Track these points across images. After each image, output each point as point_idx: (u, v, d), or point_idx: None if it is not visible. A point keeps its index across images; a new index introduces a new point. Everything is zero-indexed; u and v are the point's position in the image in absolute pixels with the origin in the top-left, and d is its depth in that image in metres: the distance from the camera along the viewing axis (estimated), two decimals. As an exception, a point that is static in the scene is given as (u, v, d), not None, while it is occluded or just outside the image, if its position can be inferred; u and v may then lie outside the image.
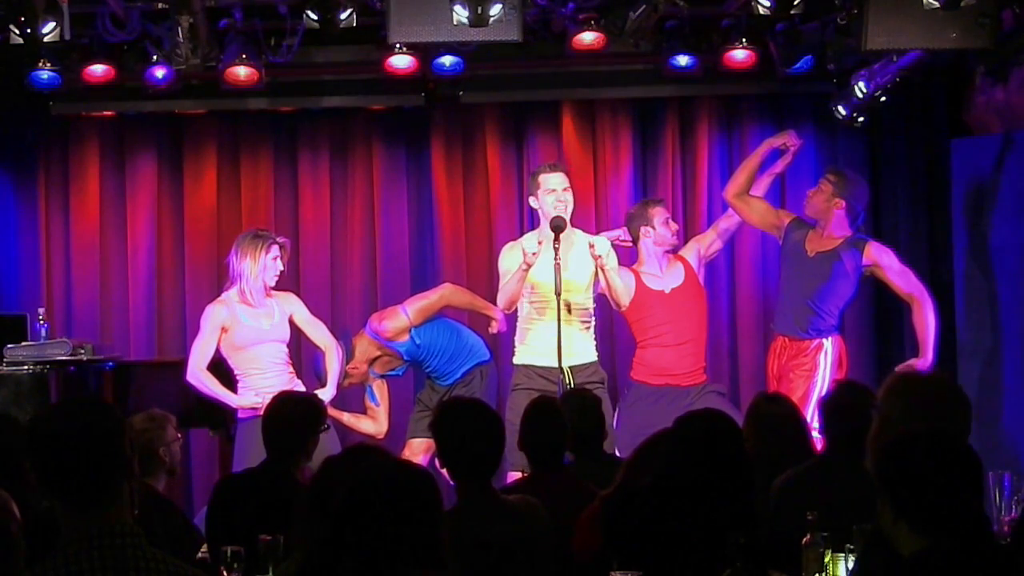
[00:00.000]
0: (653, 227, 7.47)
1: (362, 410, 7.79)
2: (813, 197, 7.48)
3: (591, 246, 6.97)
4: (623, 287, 7.13)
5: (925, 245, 8.70)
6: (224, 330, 6.97)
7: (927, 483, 3.03)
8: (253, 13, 7.60)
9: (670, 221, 7.57)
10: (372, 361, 7.64)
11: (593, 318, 7.18)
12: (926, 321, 7.18)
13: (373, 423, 7.74)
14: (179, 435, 5.68)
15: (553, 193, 6.96)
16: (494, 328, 7.45)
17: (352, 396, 7.88)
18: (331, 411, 6.93)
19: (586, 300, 7.09)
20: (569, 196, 7.01)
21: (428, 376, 7.69)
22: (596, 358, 7.14)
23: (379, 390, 7.77)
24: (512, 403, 6.79)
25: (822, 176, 7.59)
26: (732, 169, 8.21)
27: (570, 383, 6.76)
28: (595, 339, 7.18)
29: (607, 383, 7.19)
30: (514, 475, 6.31)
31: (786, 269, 7.58)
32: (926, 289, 7.30)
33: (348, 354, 7.40)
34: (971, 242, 8.09)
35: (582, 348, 7.03)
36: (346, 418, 7.66)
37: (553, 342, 6.80)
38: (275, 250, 7.03)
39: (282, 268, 7.11)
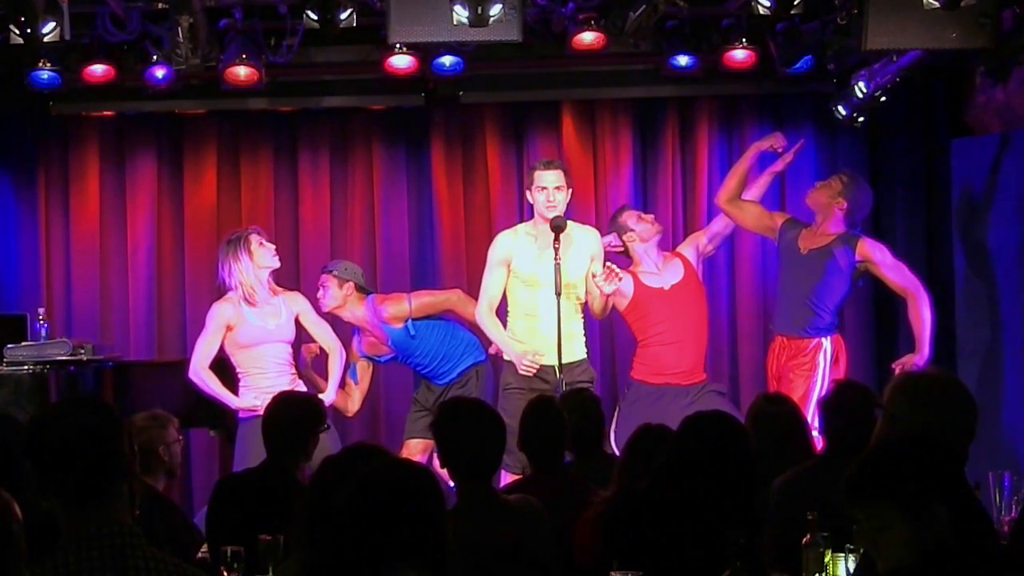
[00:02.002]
0: (631, 229, 7.48)
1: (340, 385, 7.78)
2: (819, 189, 7.48)
3: (594, 275, 6.92)
4: (604, 308, 7.11)
5: (925, 245, 8.70)
6: (229, 328, 6.97)
7: (921, 488, 3.02)
8: (253, 13, 7.60)
9: (642, 216, 7.59)
10: (359, 329, 7.62)
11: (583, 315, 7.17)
12: (922, 315, 7.17)
13: (346, 399, 7.72)
14: (180, 437, 5.67)
15: (544, 192, 6.91)
16: (493, 349, 7.42)
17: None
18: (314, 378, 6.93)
19: (580, 296, 7.06)
20: (561, 195, 6.95)
21: (422, 376, 7.69)
22: (586, 355, 7.10)
23: (362, 370, 7.76)
24: (505, 404, 6.75)
25: (833, 174, 7.61)
26: (732, 169, 8.21)
27: (560, 381, 6.72)
28: (585, 336, 7.16)
29: (608, 383, 7.18)
30: (507, 477, 6.29)
31: (782, 269, 7.58)
32: (921, 283, 7.30)
33: (354, 276, 7.43)
34: (971, 242, 8.09)
35: (575, 345, 7.00)
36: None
37: (546, 340, 6.78)
38: (254, 239, 7.02)
39: (274, 252, 7.09)
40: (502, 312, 7.22)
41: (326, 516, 3.04)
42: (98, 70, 7.79)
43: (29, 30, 6.54)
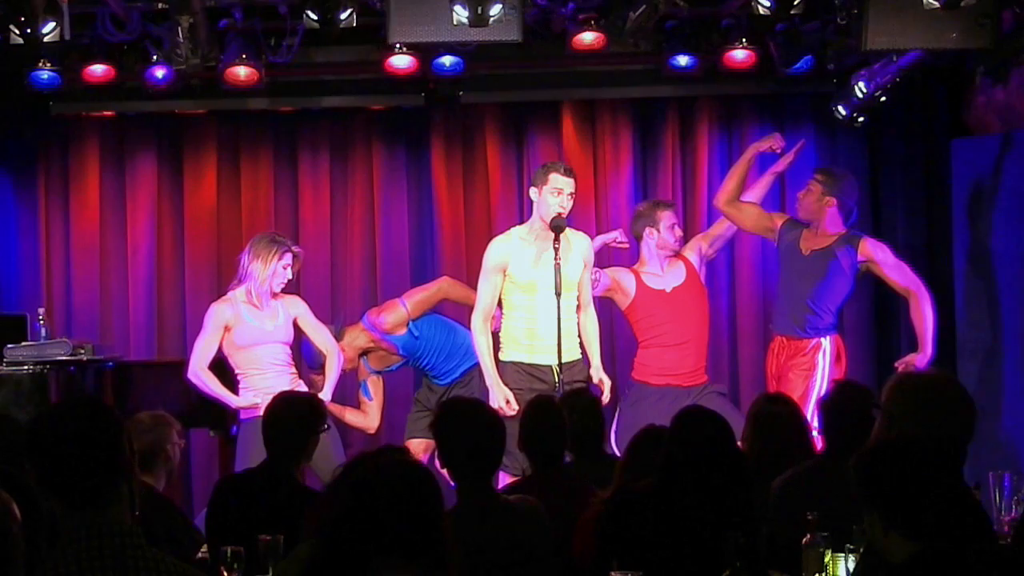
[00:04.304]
0: (658, 230, 7.45)
1: (355, 404, 7.80)
2: (804, 199, 7.47)
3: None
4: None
5: (925, 245, 8.70)
6: (227, 329, 6.97)
7: (911, 491, 3.03)
8: (253, 13, 7.60)
9: (676, 227, 7.53)
10: (364, 353, 7.63)
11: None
12: (924, 315, 7.17)
13: (364, 418, 7.74)
14: (181, 441, 5.66)
15: (560, 195, 6.80)
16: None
17: (347, 391, 7.89)
18: (332, 407, 6.93)
19: (575, 297, 7.02)
20: (571, 203, 6.87)
21: (425, 375, 7.69)
22: (581, 355, 7.07)
23: (374, 386, 7.77)
24: None
25: (810, 178, 7.59)
26: (732, 170, 8.21)
27: (558, 381, 6.71)
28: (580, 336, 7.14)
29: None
30: (506, 478, 6.27)
31: (782, 269, 7.58)
32: (923, 283, 7.30)
33: (336, 337, 7.40)
34: (971, 242, 8.09)
35: (571, 345, 6.97)
36: (348, 415, 7.67)
37: (544, 340, 6.77)
38: (288, 258, 7.01)
39: (291, 277, 7.09)
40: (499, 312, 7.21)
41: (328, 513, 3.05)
42: (98, 70, 7.80)
43: (29, 30, 6.54)
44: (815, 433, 5.45)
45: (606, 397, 6.78)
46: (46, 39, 6.61)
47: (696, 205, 8.85)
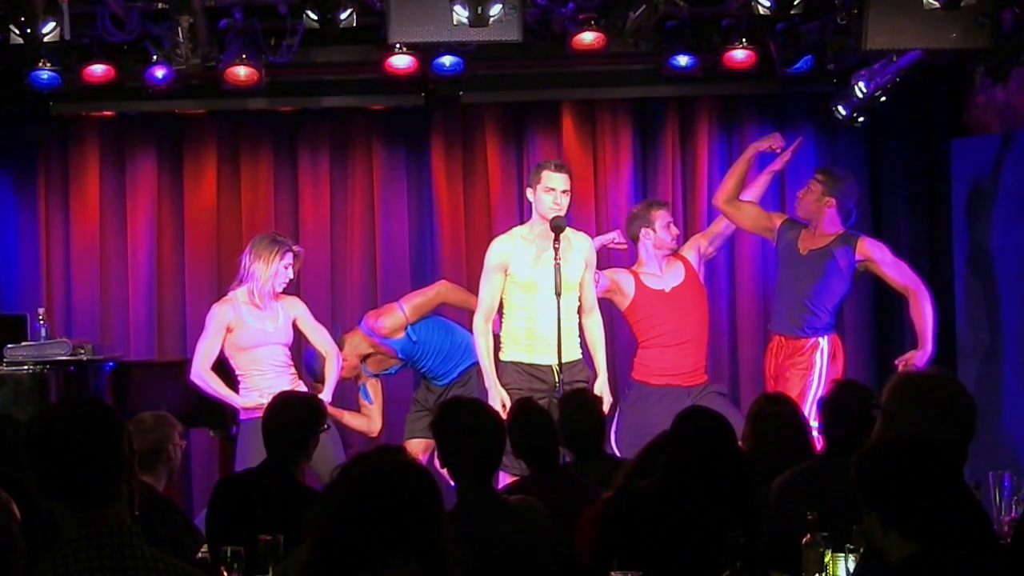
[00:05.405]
0: (654, 230, 7.45)
1: (356, 407, 7.80)
2: (803, 198, 7.47)
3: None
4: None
5: (925, 245, 8.71)
6: (229, 330, 6.97)
7: (910, 491, 3.04)
8: (253, 13, 7.60)
9: (671, 225, 7.53)
10: (364, 358, 7.63)
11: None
12: (923, 313, 7.17)
13: (366, 421, 7.74)
14: (183, 442, 5.66)
15: (551, 193, 6.82)
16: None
17: (348, 395, 7.89)
18: (331, 409, 6.93)
19: (576, 298, 7.01)
20: (566, 199, 6.86)
21: (424, 376, 7.69)
22: (581, 355, 7.06)
23: (373, 389, 7.77)
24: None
25: (810, 177, 7.59)
26: (732, 170, 8.21)
27: (558, 381, 6.71)
28: (580, 336, 7.13)
29: (608, 383, 7.15)
30: (506, 478, 6.27)
31: (780, 269, 7.58)
32: (921, 281, 7.29)
33: (338, 345, 7.40)
34: (971, 242, 8.09)
35: (572, 345, 6.97)
36: (347, 417, 7.67)
37: (544, 340, 6.77)
38: (288, 257, 7.02)
39: (292, 276, 7.09)
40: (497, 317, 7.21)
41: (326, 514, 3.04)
42: (98, 70, 7.80)
43: (29, 30, 6.54)
44: (815, 433, 5.45)
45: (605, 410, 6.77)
46: (46, 39, 6.61)
47: (696, 205, 8.85)
